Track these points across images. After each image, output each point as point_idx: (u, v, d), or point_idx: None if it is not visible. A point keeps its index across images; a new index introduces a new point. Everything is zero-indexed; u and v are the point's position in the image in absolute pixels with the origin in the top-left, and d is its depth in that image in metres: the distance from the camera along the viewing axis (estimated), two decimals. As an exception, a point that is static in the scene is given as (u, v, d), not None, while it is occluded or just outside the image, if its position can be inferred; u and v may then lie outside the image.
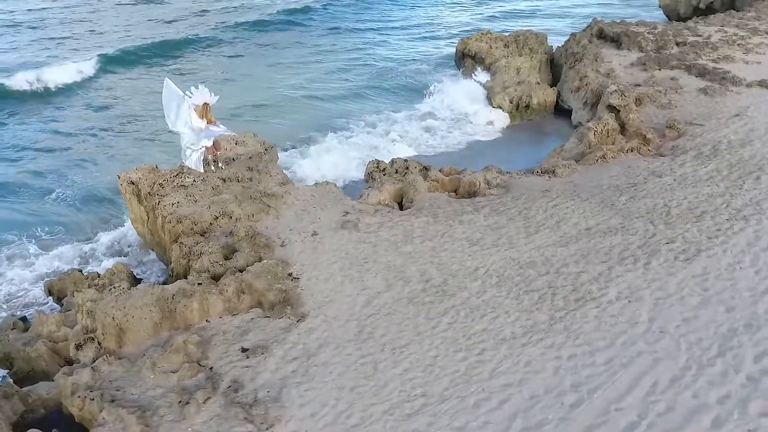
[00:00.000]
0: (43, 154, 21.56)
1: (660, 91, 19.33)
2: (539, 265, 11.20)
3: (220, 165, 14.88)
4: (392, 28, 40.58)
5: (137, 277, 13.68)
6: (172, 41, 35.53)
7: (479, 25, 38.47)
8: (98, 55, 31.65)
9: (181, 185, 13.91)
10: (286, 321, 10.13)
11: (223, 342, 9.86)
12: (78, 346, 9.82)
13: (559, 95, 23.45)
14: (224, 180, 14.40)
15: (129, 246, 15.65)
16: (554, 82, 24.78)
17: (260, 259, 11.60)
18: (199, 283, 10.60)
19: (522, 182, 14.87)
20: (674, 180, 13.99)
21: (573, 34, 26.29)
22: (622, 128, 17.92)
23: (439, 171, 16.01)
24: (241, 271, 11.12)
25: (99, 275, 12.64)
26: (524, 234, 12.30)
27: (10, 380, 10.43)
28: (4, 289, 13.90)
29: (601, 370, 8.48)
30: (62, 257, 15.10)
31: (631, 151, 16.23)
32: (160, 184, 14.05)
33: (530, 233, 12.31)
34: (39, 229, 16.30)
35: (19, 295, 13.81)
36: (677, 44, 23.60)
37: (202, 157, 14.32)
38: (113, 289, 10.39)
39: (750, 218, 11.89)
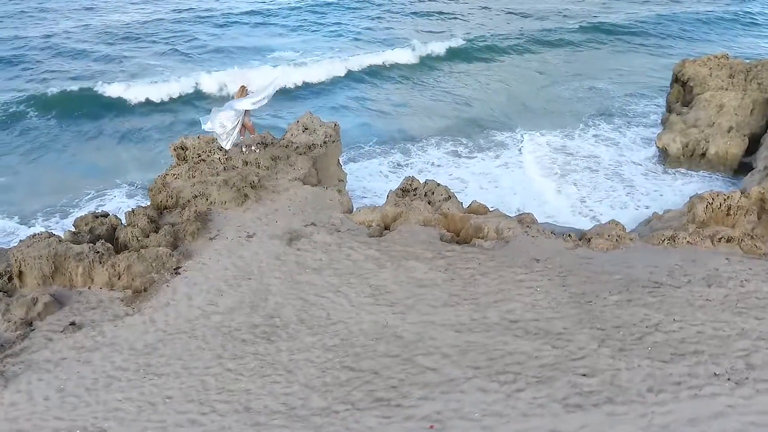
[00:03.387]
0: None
1: None
2: (401, 343, 8.99)
3: (253, 148, 15.19)
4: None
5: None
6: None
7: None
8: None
9: (201, 159, 14.65)
10: (123, 309, 10.13)
11: (72, 310, 10.35)
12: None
13: (749, 148, 17.69)
14: (246, 163, 14.68)
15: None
16: (768, 129, 18.73)
17: (174, 246, 11.69)
18: (97, 252, 11.18)
19: (528, 242, 11.87)
20: (713, 300, 9.61)
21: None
22: (762, 210, 12.86)
23: (468, 206, 13.78)
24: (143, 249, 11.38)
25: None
26: (439, 303, 9.94)
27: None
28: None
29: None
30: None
31: (729, 241, 11.57)
32: (198, 154, 15.01)
33: (447, 304, 9.89)
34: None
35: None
36: None
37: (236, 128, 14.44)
38: (45, 237, 11.61)
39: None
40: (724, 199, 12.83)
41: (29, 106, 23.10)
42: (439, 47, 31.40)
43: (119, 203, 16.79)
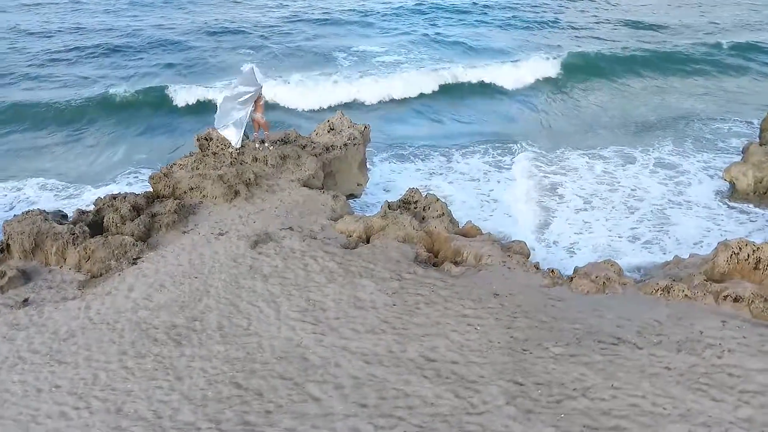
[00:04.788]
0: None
1: None
2: (302, 366, 8.47)
3: (266, 144, 15.23)
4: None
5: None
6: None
7: None
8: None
9: (213, 152, 14.91)
10: (73, 292, 10.48)
11: (34, 287, 10.89)
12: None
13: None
14: (255, 159, 14.74)
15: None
16: None
17: (147, 236, 11.95)
18: (73, 233, 11.68)
19: (500, 273, 10.82)
20: (674, 369, 8.16)
21: None
22: (802, 266, 10.86)
23: (461, 226, 12.90)
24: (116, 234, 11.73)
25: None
26: (365, 328, 9.29)
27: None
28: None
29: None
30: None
31: (737, 300, 9.84)
32: (219, 147, 15.29)
33: (372, 331, 9.22)
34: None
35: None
36: None
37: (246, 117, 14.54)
38: (34, 215, 12.33)
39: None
40: (754, 250, 10.94)
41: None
42: (545, 62, 28.66)
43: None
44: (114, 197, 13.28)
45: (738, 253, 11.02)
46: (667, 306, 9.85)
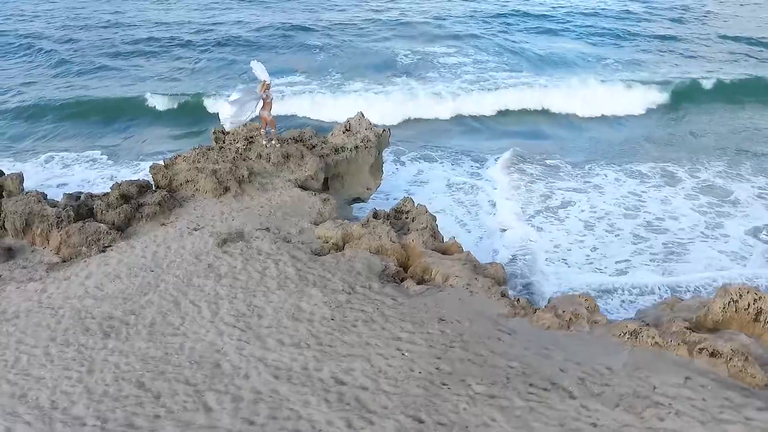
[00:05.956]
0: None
1: None
2: (212, 374, 8.26)
3: (273, 142, 15.19)
4: None
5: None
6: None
7: None
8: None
9: (220, 147, 15.07)
10: (40, 274, 10.85)
11: (12, 265, 11.40)
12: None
13: None
14: (259, 156, 14.76)
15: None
16: None
17: (127, 225, 12.21)
18: (58, 217, 12.13)
19: (458, 296, 10.10)
20: (599, 426, 7.23)
21: None
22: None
23: (443, 242, 12.27)
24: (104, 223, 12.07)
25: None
26: (291, 341, 8.94)
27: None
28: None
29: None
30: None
31: (714, 355, 8.65)
32: (232, 141, 15.46)
33: (297, 344, 8.86)
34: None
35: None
36: None
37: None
38: (32, 196, 12.91)
39: None
40: (756, 299, 9.60)
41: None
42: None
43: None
44: (119, 184, 13.69)
45: (737, 301, 9.71)
46: (630, 353, 8.79)
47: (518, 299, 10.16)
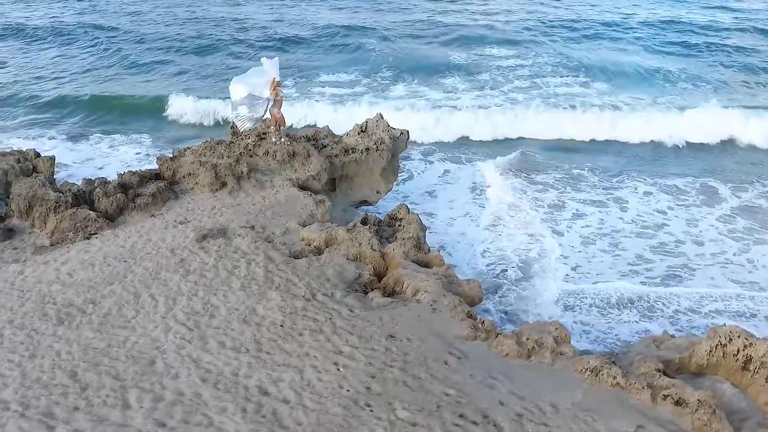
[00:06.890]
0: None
1: None
2: (145, 370, 8.22)
3: (283, 139, 15.15)
4: None
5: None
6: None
7: None
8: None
9: (230, 141, 15.19)
10: (25, 256, 11.25)
11: (7, 246, 11.88)
12: None
13: None
14: (267, 153, 14.76)
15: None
16: None
17: (118, 214, 12.49)
18: (57, 201, 12.55)
19: (418, 313, 9.63)
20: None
21: None
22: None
23: (426, 254, 11.81)
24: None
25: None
26: (234, 344, 8.78)
27: None
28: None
29: None
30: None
31: (680, 404, 7.82)
32: (245, 136, 15.54)
33: (238, 349, 8.69)
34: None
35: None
36: None
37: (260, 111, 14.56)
38: (38, 180, 13.44)
39: None
40: (746, 345, 8.63)
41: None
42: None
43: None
44: (122, 174, 14.06)
45: (726, 345, 8.76)
46: (586, 391, 8.07)
47: (483, 321, 9.57)
